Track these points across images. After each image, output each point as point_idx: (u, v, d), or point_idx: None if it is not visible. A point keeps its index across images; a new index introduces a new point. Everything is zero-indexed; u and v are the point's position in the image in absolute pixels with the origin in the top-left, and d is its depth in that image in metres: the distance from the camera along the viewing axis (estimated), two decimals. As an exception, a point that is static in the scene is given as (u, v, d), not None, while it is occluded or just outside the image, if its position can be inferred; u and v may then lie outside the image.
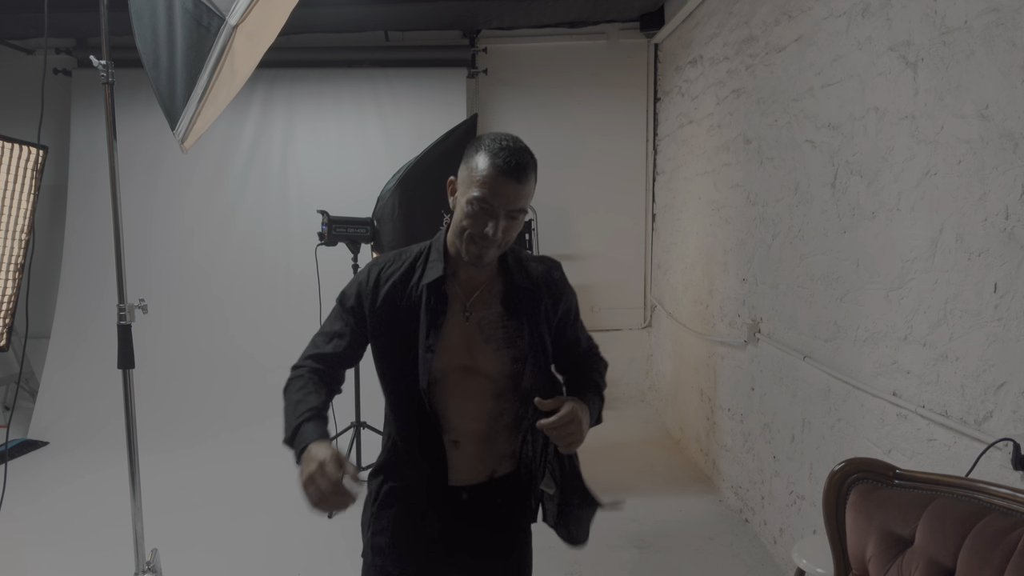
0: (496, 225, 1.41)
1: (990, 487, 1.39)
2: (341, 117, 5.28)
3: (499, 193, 1.39)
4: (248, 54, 2.07)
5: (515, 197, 1.40)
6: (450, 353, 1.51)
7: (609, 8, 4.89)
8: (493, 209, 1.40)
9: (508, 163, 1.38)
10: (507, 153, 1.39)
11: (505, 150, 1.39)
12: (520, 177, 1.40)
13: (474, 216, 1.41)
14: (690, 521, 3.53)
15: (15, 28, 5.03)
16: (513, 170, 1.38)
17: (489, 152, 1.40)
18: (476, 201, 1.40)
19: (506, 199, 1.40)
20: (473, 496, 1.58)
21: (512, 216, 1.43)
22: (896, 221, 2.20)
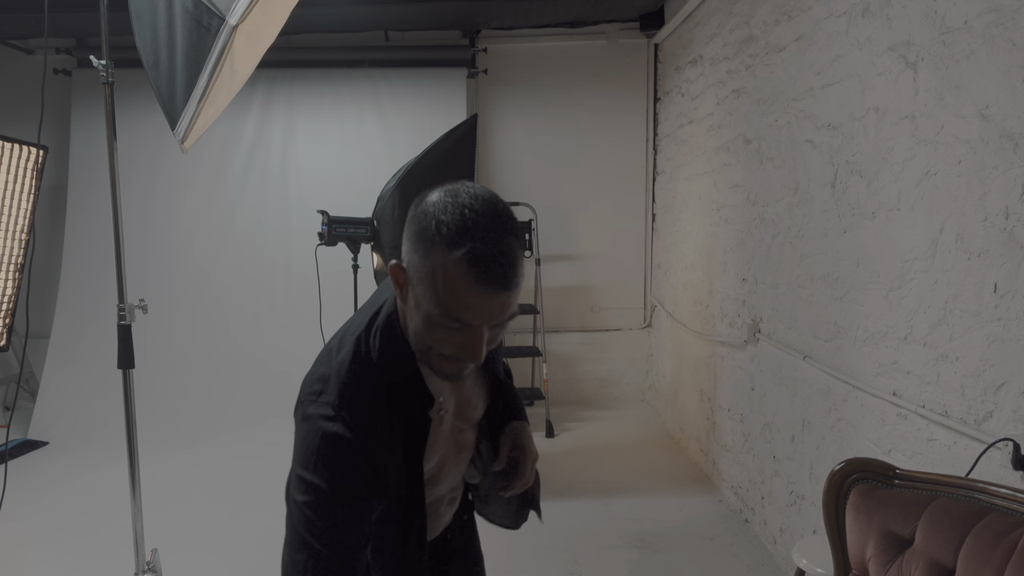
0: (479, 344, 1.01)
1: (990, 487, 1.39)
2: (341, 117, 5.28)
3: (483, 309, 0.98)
4: (248, 54, 2.07)
5: (504, 307, 1.00)
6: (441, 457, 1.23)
7: (609, 8, 4.89)
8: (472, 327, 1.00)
9: (490, 272, 0.95)
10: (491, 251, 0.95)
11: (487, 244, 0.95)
12: (509, 283, 0.97)
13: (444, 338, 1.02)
14: (690, 521, 3.53)
15: (15, 28, 5.02)
16: (498, 279, 0.96)
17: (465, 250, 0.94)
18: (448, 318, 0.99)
19: (491, 314, 0.99)
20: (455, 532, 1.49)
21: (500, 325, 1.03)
22: (896, 221, 2.20)
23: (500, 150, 5.51)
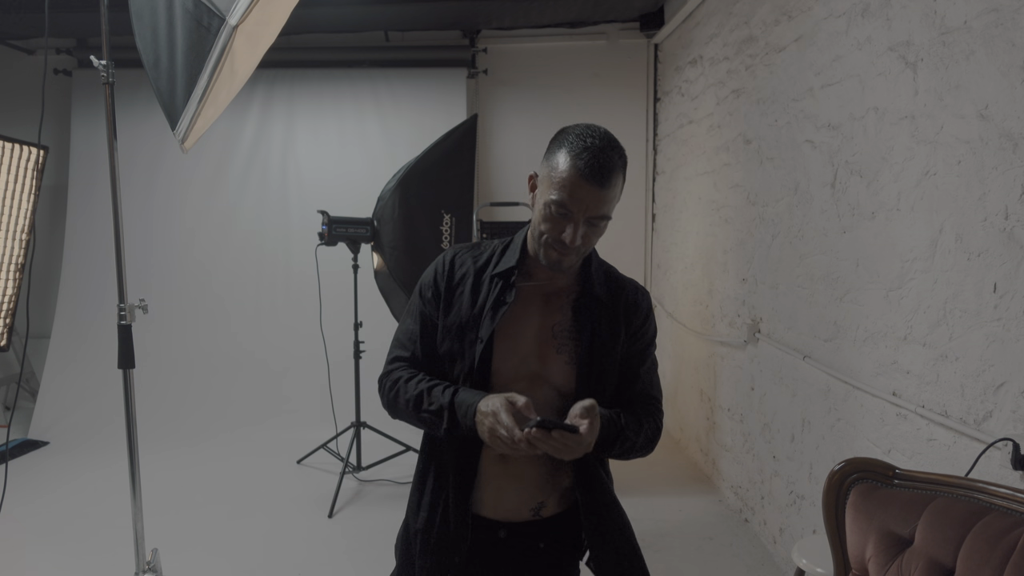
0: (575, 232, 1.30)
1: (990, 487, 1.39)
2: (341, 117, 5.28)
3: (579, 199, 1.28)
4: (248, 54, 2.07)
5: (597, 203, 1.29)
6: (519, 357, 1.40)
7: (609, 8, 4.89)
8: (572, 215, 1.29)
9: (591, 166, 1.26)
10: (590, 154, 1.26)
11: (589, 150, 1.26)
12: (603, 181, 1.27)
13: (552, 220, 1.31)
14: (690, 521, 3.53)
15: (15, 28, 5.03)
16: (596, 174, 1.26)
17: (572, 151, 1.28)
18: (554, 205, 1.29)
19: (586, 205, 1.28)
20: (511, 535, 1.44)
21: (593, 223, 1.32)
22: (896, 221, 2.20)
23: (500, 150, 5.51)
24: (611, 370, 1.43)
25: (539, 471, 1.42)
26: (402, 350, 1.48)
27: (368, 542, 3.26)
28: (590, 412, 1.26)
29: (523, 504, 1.43)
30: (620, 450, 1.40)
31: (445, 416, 1.34)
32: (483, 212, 4.93)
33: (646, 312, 1.50)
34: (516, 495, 1.42)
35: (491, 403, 1.27)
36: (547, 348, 1.40)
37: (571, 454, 1.25)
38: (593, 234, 1.33)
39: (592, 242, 1.35)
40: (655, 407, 1.50)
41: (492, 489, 1.43)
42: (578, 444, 1.24)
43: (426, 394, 1.38)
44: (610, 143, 1.29)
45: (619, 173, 1.30)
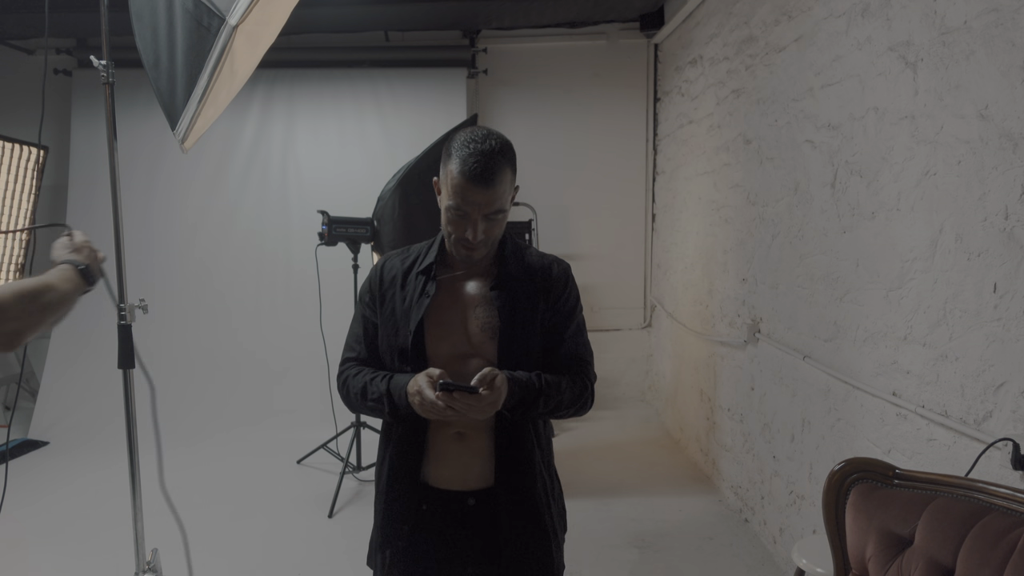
0: (475, 229, 1.44)
1: (990, 487, 1.39)
2: (341, 117, 5.28)
3: (471, 201, 1.41)
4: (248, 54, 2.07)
5: (488, 202, 1.42)
6: (449, 340, 1.52)
7: (609, 8, 4.89)
8: (469, 215, 1.43)
9: (474, 170, 1.39)
10: (474, 159, 1.39)
11: (473, 155, 1.39)
12: (489, 181, 1.40)
13: (454, 223, 1.46)
14: (690, 521, 3.53)
15: (15, 28, 5.02)
16: (480, 177, 1.39)
17: (458, 157, 1.41)
18: (452, 210, 1.44)
19: (479, 205, 1.42)
20: (480, 502, 1.53)
21: (490, 218, 1.45)
22: (896, 221, 2.20)
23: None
24: (533, 340, 1.53)
25: (489, 442, 1.52)
26: (350, 351, 1.63)
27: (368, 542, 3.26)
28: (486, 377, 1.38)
29: (486, 472, 1.52)
30: (545, 408, 1.51)
31: (385, 403, 1.48)
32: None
33: (563, 281, 1.59)
34: (480, 467, 1.52)
35: (415, 382, 1.40)
36: (472, 328, 1.51)
37: (481, 413, 1.37)
38: (494, 226, 1.47)
39: (495, 233, 1.49)
40: (582, 367, 1.59)
41: (455, 464, 1.52)
42: (481, 403, 1.36)
43: (368, 385, 1.52)
44: (493, 145, 1.41)
45: (505, 170, 1.42)
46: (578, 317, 1.62)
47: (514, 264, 1.57)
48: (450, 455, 1.53)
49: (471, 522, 1.53)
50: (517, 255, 1.60)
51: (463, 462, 1.53)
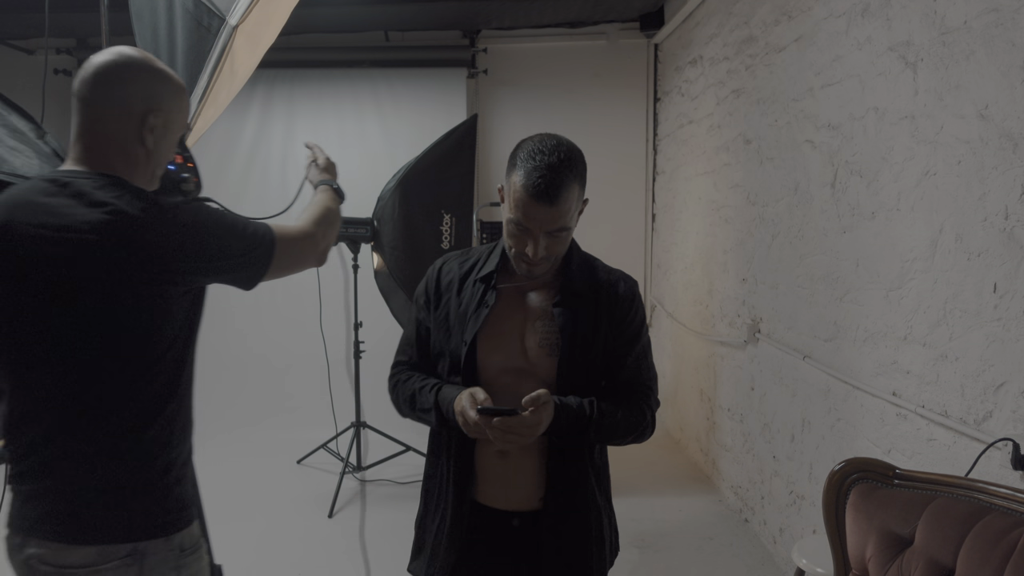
0: (535, 246, 1.37)
1: (990, 487, 1.39)
2: (341, 117, 5.28)
3: (534, 217, 1.34)
4: (248, 54, 2.07)
5: (551, 220, 1.35)
6: (504, 352, 1.45)
7: (609, 8, 4.89)
8: (531, 231, 1.36)
9: (539, 187, 1.31)
10: (539, 173, 1.31)
11: (539, 169, 1.31)
12: (554, 199, 1.32)
13: (515, 236, 1.39)
14: (690, 521, 3.53)
15: (15, 28, 5.02)
16: (544, 194, 1.31)
17: (523, 170, 1.33)
18: (513, 224, 1.37)
19: (541, 222, 1.35)
20: (524, 523, 1.47)
21: (553, 235, 1.38)
22: (896, 221, 2.20)
23: (500, 150, 5.51)
24: (594, 361, 1.47)
25: (536, 464, 1.46)
26: (402, 355, 1.58)
27: (368, 542, 3.26)
28: (534, 401, 1.33)
29: (532, 494, 1.46)
30: (598, 437, 1.46)
31: (434, 415, 1.43)
32: (483, 212, 4.93)
33: (629, 300, 1.52)
34: (523, 487, 1.46)
35: (459, 401, 1.36)
36: (530, 343, 1.45)
37: (520, 437, 1.33)
38: (556, 244, 1.40)
39: (557, 250, 1.41)
40: (643, 393, 1.54)
41: (499, 483, 1.47)
42: (523, 426, 1.31)
43: (418, 394, 1.48)
44: (561, 157, 1.33)
45: (572, 186, 1.35)
46: (643, 339, 1.55)
47: (580, 279, 1.50)
48: (494, 473, 1.47)
49: (514, 544, 1.48)
50: (584, 269, 1.53)
51: (507, 481, 1.47)
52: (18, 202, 1.29)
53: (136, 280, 1.26)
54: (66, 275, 1.25)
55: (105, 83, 1.33)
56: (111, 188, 1.28)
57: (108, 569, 1.26)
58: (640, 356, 1.54)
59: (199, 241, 1.32)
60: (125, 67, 1.35)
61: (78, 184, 1.28)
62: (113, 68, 1.34)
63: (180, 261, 1.30)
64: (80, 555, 1.26)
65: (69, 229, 1.24)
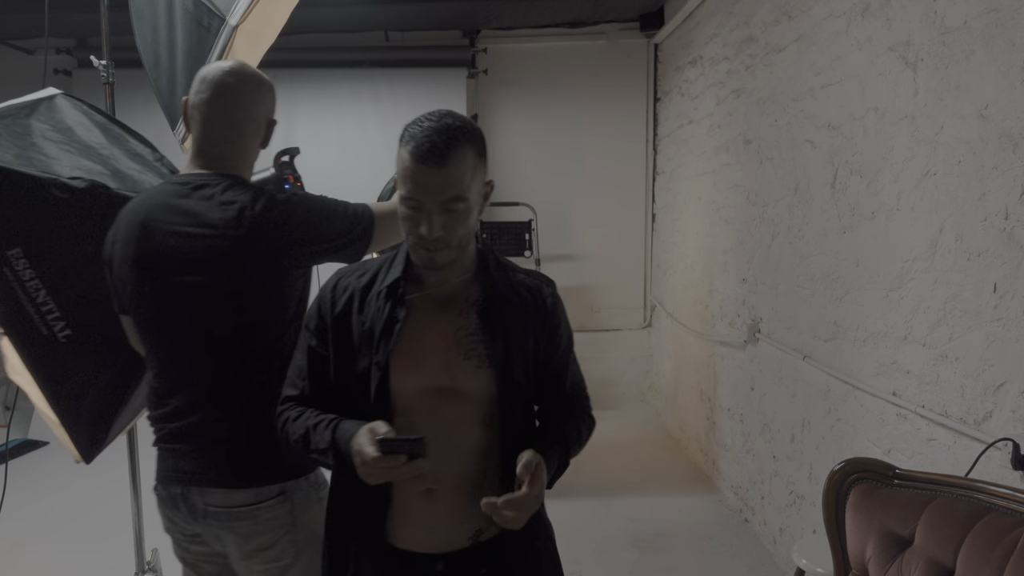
0: (430, 223, 1.18)
1: (990, 487, 1.39)
2: (341, 117, 5.28)
3: (423, 186, 1.17)
4: (248, 54, 2.07)
5: (442, 186, 1.17)
6: (422, 372, 1.26)
7: (609, 8, 4.89)
8: (423, 205, 1.18)
9: (422, 147, 1.15)
10: (425, 134, 1.16)
11: (425, 131, 1.16)
12: (441, 160, 1.15)
13: (408, 218, 1.21)
14: (690, 521, 3.53)
15: (15, 28, 5.02)
16: (429, 154, 1.15)
17: (407, 139, 1.18)
18: (404, 200, 1.20)
19: (431, 191, 1.17)
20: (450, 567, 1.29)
21: (448, 208, 1.19)
22: (896, 221, 2.20)
23: (500, 150, 5.51)
24: (527, 372, 1.31)
25: (469, 498, 1.25)
26: (291, 388, 1.37)
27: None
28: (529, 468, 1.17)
29: (460, 534, 1.29)
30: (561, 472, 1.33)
31: (331, 456, 1.24)
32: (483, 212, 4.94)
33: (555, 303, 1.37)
34: (449, 527, 1.29)
35: (355, 442, 1.18)
36: (453, 356, 1.26)
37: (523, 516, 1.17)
38: (455, 221, 1.20)
39: (458, 230, 1.21)
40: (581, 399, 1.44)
41: (423, 525, 1.29)
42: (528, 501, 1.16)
43: (311, 432, 1.27)
44: (450, 122, 1.18)
45: (464, 149, 1.18)
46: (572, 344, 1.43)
47: (501, 283, 1.32)
48: (418, 514, 1.28)
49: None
50: (503, 272, 1.35)
51: (433, 522, 1.28)
52: (153, 204, 1.52)
53: (264, 266, 1.47)
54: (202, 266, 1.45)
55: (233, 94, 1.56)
56: (236, 188, 1.49)
57: (266, 507, 1.49)
58: (574, 360, 1.43)
59: (314, 227, 1.51)
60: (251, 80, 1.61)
61: (206, 186, 1.49)
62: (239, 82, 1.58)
63: (300, 246, 1.50)
64: (242, 496, 1.49)
65: (203, 225, 1.45)
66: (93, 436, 1.88)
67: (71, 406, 1.79)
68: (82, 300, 1.72)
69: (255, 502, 1.49)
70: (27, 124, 1.75)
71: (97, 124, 1.89)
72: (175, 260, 1.47)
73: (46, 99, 1.84)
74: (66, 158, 1.73)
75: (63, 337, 1.72)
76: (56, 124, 1.80)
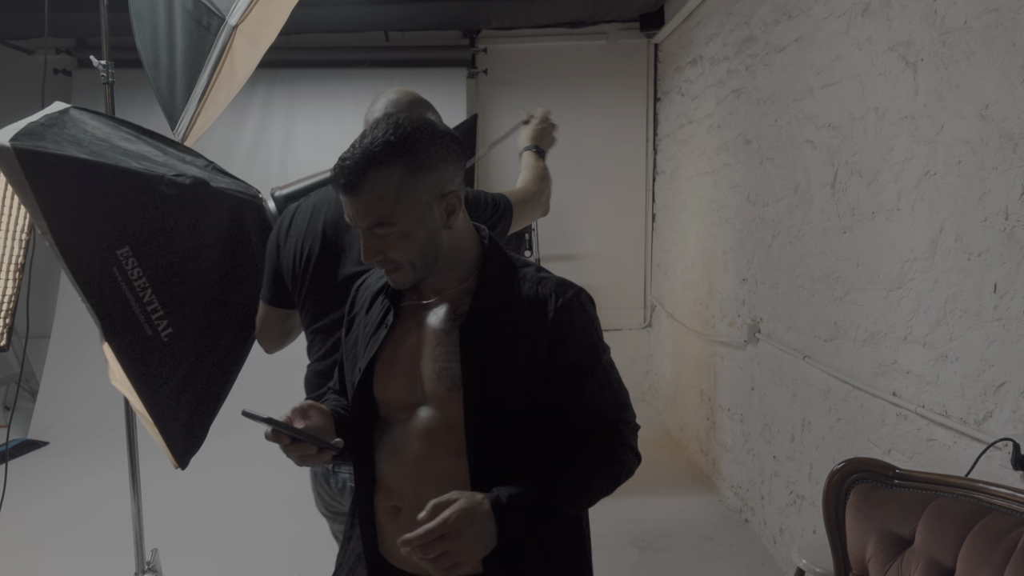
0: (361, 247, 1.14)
1: (990, 487, 1.39)
2: (341, 117, 5.27)
3: (350, 215, 1.13)
4: (248, 54, 2.07)
5: (361, 213, 1.11)
6: (399, 384, 1.21)
7: (609, 8, 4.89)
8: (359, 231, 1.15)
9: (336, 175, 1.11)
10: (342, 163, 1.10)
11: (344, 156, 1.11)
12: (353, 189, 1.09)
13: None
14: (690, 521, 3.53)
15: (15, 28, 5.02)
16: (344, 186, 1.10)
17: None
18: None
19: (354, 218, 1.13)
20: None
21: (376, 234, 1.12)
22: (896, 221, 2.20)
23: (500, 150, 5.49)
24: (513, 394, 1.16)
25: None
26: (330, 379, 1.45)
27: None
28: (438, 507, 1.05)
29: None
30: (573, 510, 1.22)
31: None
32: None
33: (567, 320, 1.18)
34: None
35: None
36: (426, 373, 1.19)
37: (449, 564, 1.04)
38: (392, 246, 1.12)
39: (404, 253, 1.13)
40: (614, 430, 1.23)
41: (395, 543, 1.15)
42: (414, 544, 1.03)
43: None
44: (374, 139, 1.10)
45: (379, 171, 1.09)
46: (601, 362, 1.22)
47: (497, 293, 1.20)
48: (389, 530, 1.22)
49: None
50: (503, 281, 1.21)
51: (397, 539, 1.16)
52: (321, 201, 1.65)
53: None
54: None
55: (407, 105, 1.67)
56: None
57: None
58: (601, 384, 1.21)
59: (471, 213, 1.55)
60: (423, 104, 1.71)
61: None
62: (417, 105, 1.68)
63: None
64: None
65: None
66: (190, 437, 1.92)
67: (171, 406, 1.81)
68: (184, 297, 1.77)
69: None
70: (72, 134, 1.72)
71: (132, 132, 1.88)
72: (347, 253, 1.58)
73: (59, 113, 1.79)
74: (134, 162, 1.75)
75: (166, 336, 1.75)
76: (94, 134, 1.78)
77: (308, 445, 1.15)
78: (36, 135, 1.68)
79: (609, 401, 1.23)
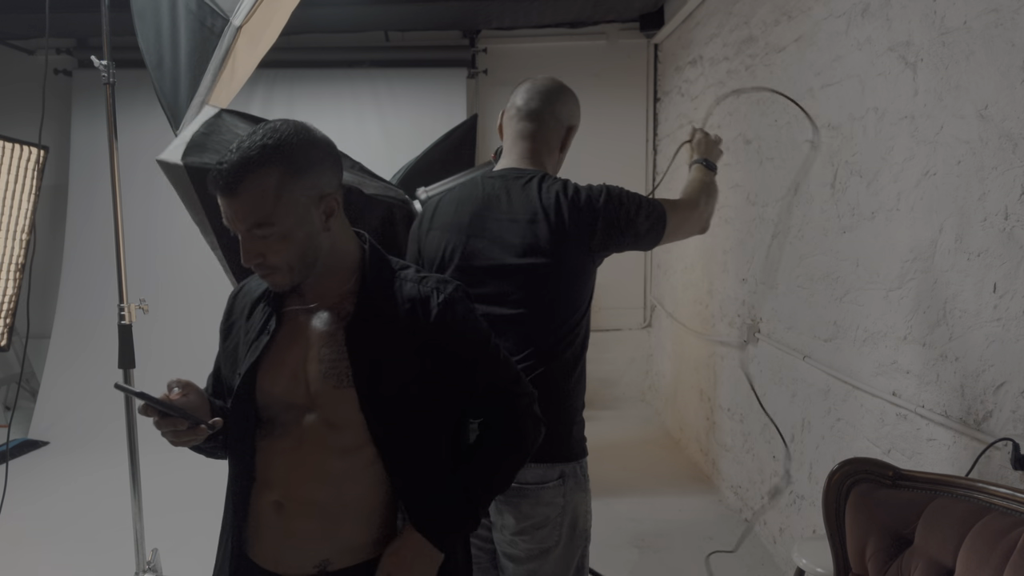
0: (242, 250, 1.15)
1: (989, 487, 1.40)
2: (341, 117, 5.28)
3: (227, 216, 1.13)
4: (248, 55, 2.08)
5: (239, 215, 1.12)
6: (283, 386, 1.22)
7: (609, 8, 4.89)
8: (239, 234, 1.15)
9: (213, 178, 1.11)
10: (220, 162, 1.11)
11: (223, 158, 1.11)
12: (230, 190, 1.10)
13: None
14: (690, 521, 3.53)
15: (16, 28, 5.03)
16: (219, 184, 1.11)
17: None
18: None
19: (232, 220, 1.13)
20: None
21: (256, 236, 1.13)
22: (896, 221, 2.21)
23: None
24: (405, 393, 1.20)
25: (317, 524, 1.20)
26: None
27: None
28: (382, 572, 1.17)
29: (305, 559, 1.21)
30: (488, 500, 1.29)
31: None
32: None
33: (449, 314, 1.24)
34: (294, 549, 1.22)
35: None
36: (312, 374, 1.20)
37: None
38: (271, 248, 1.14)
39: (283, 254, 1.15)
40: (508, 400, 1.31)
41: (270, 541, 1.24)
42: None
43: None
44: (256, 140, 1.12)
45: (258, 172, 1.10)
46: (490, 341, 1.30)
47: (380, 293, 1.23)
48: (267, 527, 1.23)
49: None
50: (386, 282, 1.25)
51: (279, 541, 1.22)
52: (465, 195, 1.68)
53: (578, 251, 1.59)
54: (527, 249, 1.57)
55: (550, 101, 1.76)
56: (550, 180, 1.65)
57: (549, 488, 1.55)
58: (493, 361, 1.30)
59: (621, 218, 1.63)
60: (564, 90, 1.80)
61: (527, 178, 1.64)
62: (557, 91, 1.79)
63: (607, 234, 1.62)
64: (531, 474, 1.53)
65: (528, 212, 1.58)
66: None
67: None
68: None
69: (541, 482, 1.55)
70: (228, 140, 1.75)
71: None
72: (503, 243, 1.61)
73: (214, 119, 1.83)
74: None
75: None
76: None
77: (179, 420, 1.15)
78: (200, 146, 1.71)
79: (502, 374, 1.31)
